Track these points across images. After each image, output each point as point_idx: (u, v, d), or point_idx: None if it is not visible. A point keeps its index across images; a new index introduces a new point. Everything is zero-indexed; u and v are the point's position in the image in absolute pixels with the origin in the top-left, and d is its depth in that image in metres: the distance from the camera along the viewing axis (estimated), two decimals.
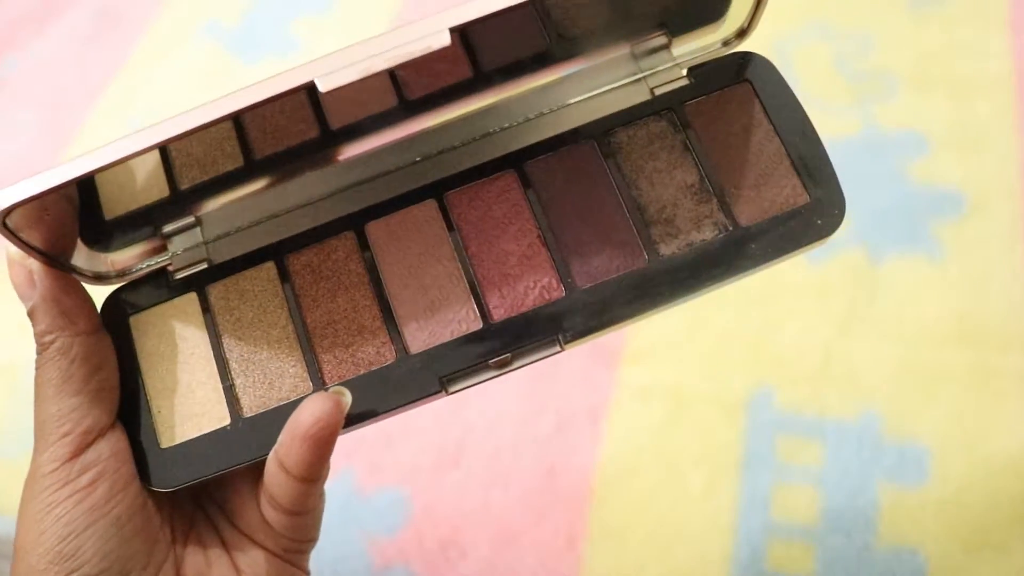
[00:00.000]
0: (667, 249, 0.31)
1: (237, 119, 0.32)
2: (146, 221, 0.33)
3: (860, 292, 0.53)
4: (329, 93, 0.30)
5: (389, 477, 0.51)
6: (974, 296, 0.52)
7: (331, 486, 0.47)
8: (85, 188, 0.31)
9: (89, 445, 0.28)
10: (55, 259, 0.29)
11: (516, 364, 0.30)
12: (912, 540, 0.46)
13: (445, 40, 0.24)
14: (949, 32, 0.63)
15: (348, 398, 0.28)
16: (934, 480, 0.47)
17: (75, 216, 0.31)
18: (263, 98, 0.25)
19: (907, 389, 0.50)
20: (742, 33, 0.33)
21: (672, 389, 0.51)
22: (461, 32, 0.31)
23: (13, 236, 0.27)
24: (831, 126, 0.60)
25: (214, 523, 0.32)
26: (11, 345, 0.59)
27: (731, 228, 0.31)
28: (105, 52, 0.73)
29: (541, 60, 0.34)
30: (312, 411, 0.27)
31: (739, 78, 0.33)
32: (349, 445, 0.51)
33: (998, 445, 0.48)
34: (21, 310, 0.58)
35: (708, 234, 0.31)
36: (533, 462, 0.50)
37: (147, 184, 0.33)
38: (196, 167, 0.33)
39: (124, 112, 0.69)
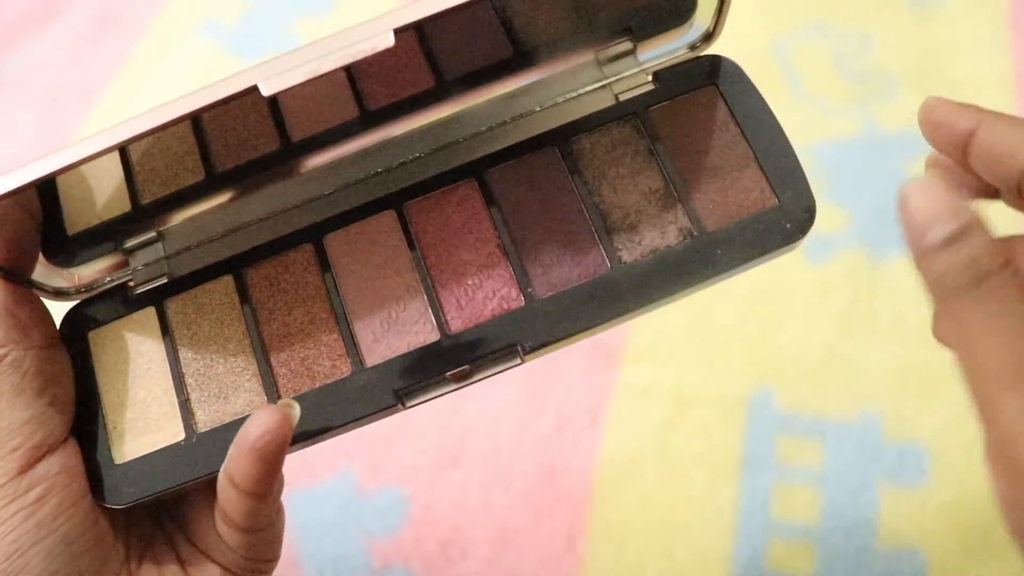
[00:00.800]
0: (630, 256, 0.30)
1: (199, 132, 0.32)
2: (108, 236, 0.32)
3: (860, 292, 0.53)
4: (289, 103, 0.30)
5: (389, 477, 0.51)
6: None
7: (331, 486, 0.47)
8: (47, 202, 0.31)
9: (39, 460, 0.28)
10: (13, 274, 0.29)
11: (475, 377, 0.30)
12: (912, 540, 0.46)
13: (389, 41, 0.24)
14: (949, 32, 0.63)
15: (296, 410, 0.27)
16: (934, 480, 0.47)
17: (36, 230, 0.30)
18: (208, 103, 0.24)
19: (907, 389, 0.50)
20: (708, 37, 0.32)
21: (672, 389, 0.51)
22: (422, 40, 0.31)
23: None
24: (831, 126, 0.60)
25: (172, 540, 0.31)
26: None
27: (696, 233, 0.30)
28: (105, 52, 0.73)
29: (504, 68, 0.33)
30: (259, 424, 0.26)
31: (705, 81, 0.32)
32: (349, 445, 0.51)
33: None
34: None
35: (672, 240, 0.30)
36: (533, 462, 0.50)
37: (109, 199, 0.32)
38: (158, 182, 0.32)
39: (124, 112, 0.69)
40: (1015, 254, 0.22)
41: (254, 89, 0.24)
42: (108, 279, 0.32)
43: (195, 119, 0.31)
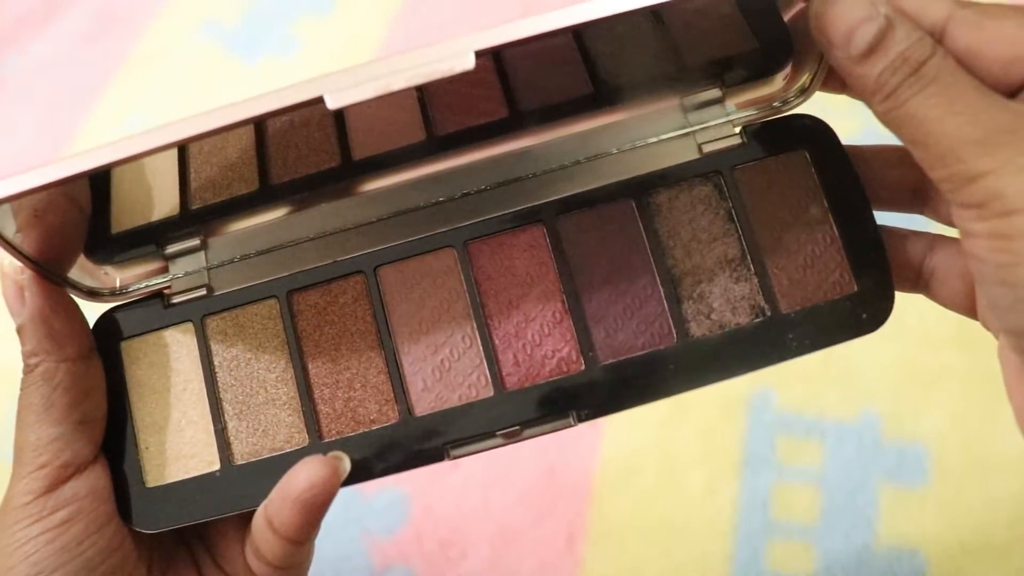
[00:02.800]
0: (699, 330, 0.29)
1: (260, 143, 0.31)
2: (151, 239, 0.31)
3: None
4: (356, 121, 0.28)
5: (389, 478, 0.51)
6: None
7: None
8: (99, 197, 0.29)
9: (67, 480, 0.27)
10: (49, 269, 0.28)
11: (525, 435, 0.28)
12: (912, 540, 0.46)
13: (469, 64, 0.22)
14: None
15: (347, 464, 0.27)
16: (934, 480, 0.47)
17: (82, 224, 0.29)
18: (272, 109, 0.23)
19: (907, 389, 0.50)
20: (803, 91, 0.30)
21: None
22: (500, 69, 0.30)
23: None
24: (831, 126, 0.60)
25: (196, 561, 0.30)
26: (11, 348, 0.59)
27: (770, 313, 0.29)
28: (105, 52, 0.73)
29: (583, 105, 0.31)
30: (308, 475, 0.26)
31: (796, 144, 0.30)
32: None
33: (998, 445, 0.48)
34: None
35: (744, 318, 0.29)
36: (533, 462, 0.50)
37: (160, 202, 0.31)
38: (211, 189, 0.31)
39: (124, 112, 0.69)
40: (942, 37, 0.22)
41: (319, 100, 0.22)
42: (145, 284, 0.31)
43: (258, 129, 0.30)
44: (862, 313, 0.28)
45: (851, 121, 0.60)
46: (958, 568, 0.45)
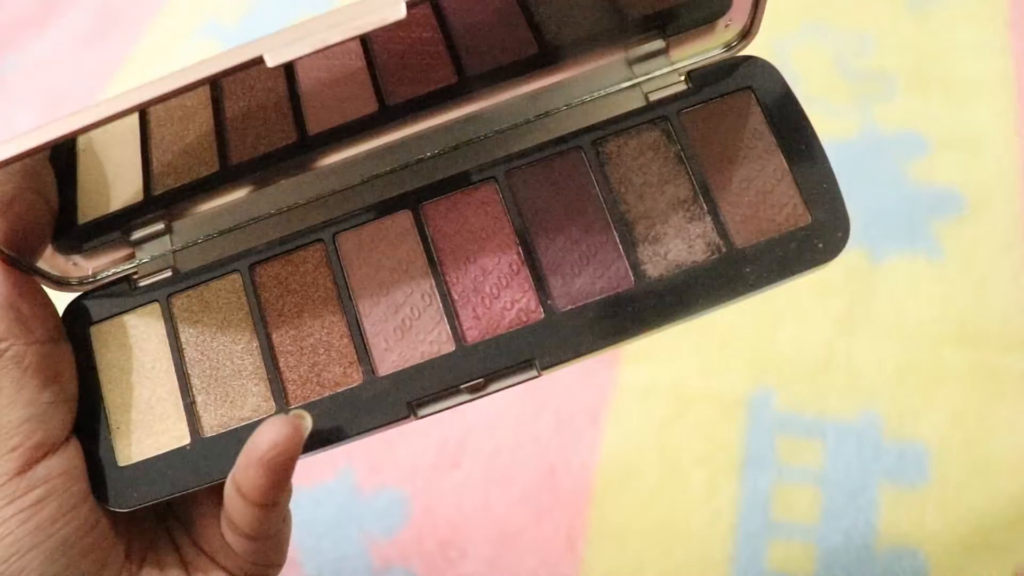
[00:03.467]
0: (655, 271, 0.29)
1: (218, 125, 0.31)
2: (117, 227, 0.32)
3: (860, 292, 0.53)
4: (309, 97, 0.29)
5: (389, 477, 0.51)
6: (974, 296, 0.52)
7: (331, 486, 0.47)
8: (65, 189, 0.30)
9: (39, 460, 0.27)
10: (17, 258, 0.28)
11: (490, 389, 0.29)
12: (912, 540, 0.46)
13: (401, 13, 0.22)
14: (949, 32, 0.63)
15: (308, 422, 0.27)
16: (934, 480, 0.47)
17: (48, 215, 0.29)
18: (213, 72, 0.23)
19: (907, 389, 0.50)
20: (745, 35, 0.30)
21: (672, 389, 0.51)
22: (447, 36, 0.30)
23: None
24: (831, 126, 0.60)
25: (176, 542, 0.30)
26: None
27: (725, 250, 0.29)
28: (105, 52, 0.73)
29: (529, 66, 0.32)
30: (269, 435, 0.26)
31: (741, 85, 0.30)
32: (349, 445, 0.51)
33: (998, 445, 0.48)
34: None
35: (700, 255, 0.29)
36: (533, 462, 0.50)
37: (123, 190, 0.32)
38: (172, 174, 0.32)
39: None
40: None
41: (260, 60, 0.23)
42: (113, 271, 0.31)
43: (216, 113, 0.30)
44: (818, 243, 0.29)
45: (851, 120, 0.60)
46: (958, 568, 0.45)
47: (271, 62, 0.23)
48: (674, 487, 0.49)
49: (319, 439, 0.29)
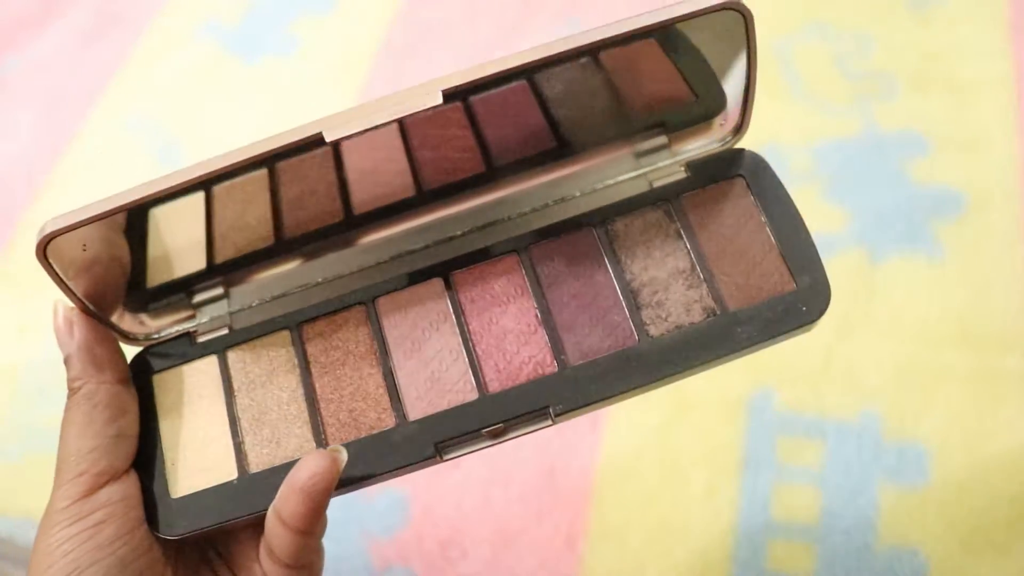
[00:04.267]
0: (657, 330, 0.33)
1: (274, 204, 0.35)
2: (180, 290, 0.35)
3: (860, 292, 0.53)
4: (355, 183, 0.34)
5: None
6: (974, 296, 0.52)
7: None
8: (136, 255, 0.34)
9: (102, 486, 0.30)
10: (96, 312, 0.32)
11: (509, 435, 0.32)
12: (912, 540, 0.46)
13: (438, 99, 0.28)
14: (949, 32, 0.63)
15: (344, 455, 0.30)
16: (934, 480, 0.47)
17: (122, 279, 0.33)
18: (280, 145, 0.28)
19: (907, 389, 0.50)
20: (737, 130, 0.34)
21: (672, 389, 0.51)
22: (477, 133, 0.35)
23: (52, 269, 0.30)
24: (831, 126, 0.60)
25: (216, 573, 0.33)
26: (10, 346, 0.59)
27: (719, 312, 0.33)
28: (105, 52, 0.73)
29: (548, 158, 0.36)
30: (309, 466, 0.28)
31: (733, 172, 0.35)
32: None
33: (998, 445, 0.48)
34: (22, 313, 0.58)
35: (697, 317, 0.33)
36: (533, 462, 0.50)
37: (187, 258, 0.35)
38: (232, 246, 0.35)
39: (124, 112, 0.69)
40: None
41: (320, 137, 0.28)
42: (175, 329, 0.35)
43: (273, 198, 0.35)
44: (802, 307, 0.32)
45: (852, 120, 0.60)
46: (958, 568, 0.45)
47: (328, 137, 0.28)
48: (674, 487, 0.49)
49: (355, 477, 0.32)
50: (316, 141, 0.28)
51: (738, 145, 0.35)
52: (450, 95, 0.28)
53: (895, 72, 0.62)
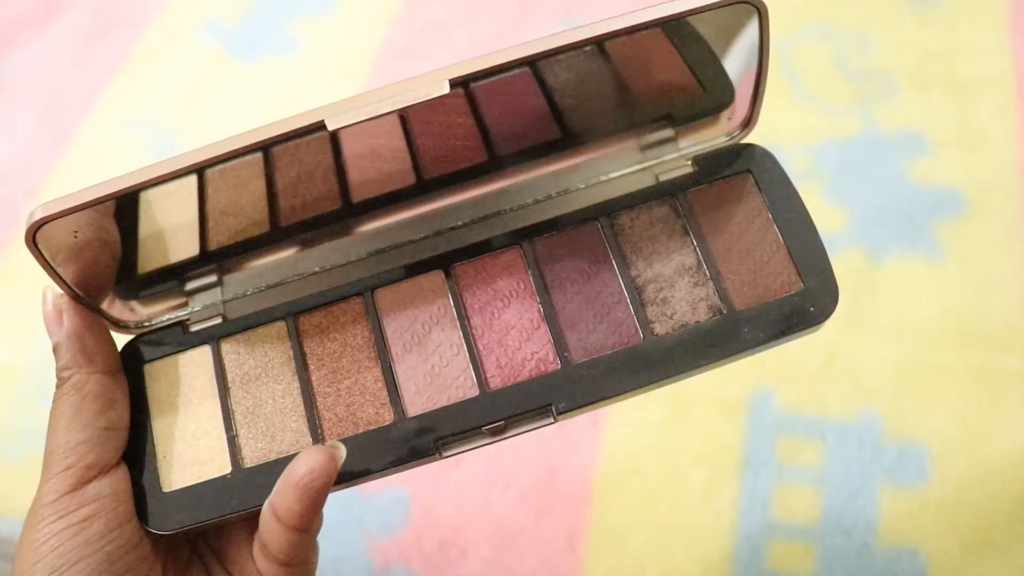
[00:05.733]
0: (662, 329, 0.32)
1: (270, 189, 0.34)
2: (172, 277, 0.34)
3: (860, 292, 0.53)
4: (354, 170, 0.33)
5: (389, 477, 0.51)
6: (974, 296, 0.52)
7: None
8: (127, 242, 0.33)
9: (90, 480, 0.29)
10: (85, 300, 0.31)
11: (510, 432, 0.31)
12: (912, 540, 0.46)
13: (444, 89, 0.27)
14: (949, 32, 0.63)
15: (342, 452, 0.29)
16: (934, 480, 0.47)
17: (112, 265, 0.32)
18: (277, 134, 0.27)
19: (907, 389, 0.50)
20: (745, 124, 0.33)
21: (672, 389, 0.51)
22: (479, 121, 0.34)
23: (41, 256, 0.29)
24: (831, 126, 0.60)
25: (208, 569, 0.32)
26: (11, 346, 0.59)
27: (725, 311, 0.32)
28: (105, 52, 0.73)
29: (552, 149, 0.35)
30: (307, 462, 0.28)
31: (741, 168, 0.34)
32: None
33: (998, 445, 0.48)
34: (21, 312, 0.58)
35: (702, 316, 0.32)
36: (533, 462, 0.50)
37: (180, 244, 0.34)
38: (226, 232, 0.34)
39: (124, 112, 0.69)
40: None
41: (321, 124, 0.27)
42: (167, 317, 0.34)
43: (269, 182, 0.34)
44: (810, 307, 0.32)
45: (852, 120, 0.60)
46: (958, 568, 0.45)
47: (331, 126, 0.27)
48: (674, 487, 0.49)
49: (352, 473, 0.31)
50: (318, 129, 0.27)
51: (746, 140, 0.34)
52: (457, 84, 0.27)
53: (895, 72, 0.62)
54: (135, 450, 0.31)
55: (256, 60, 0.71)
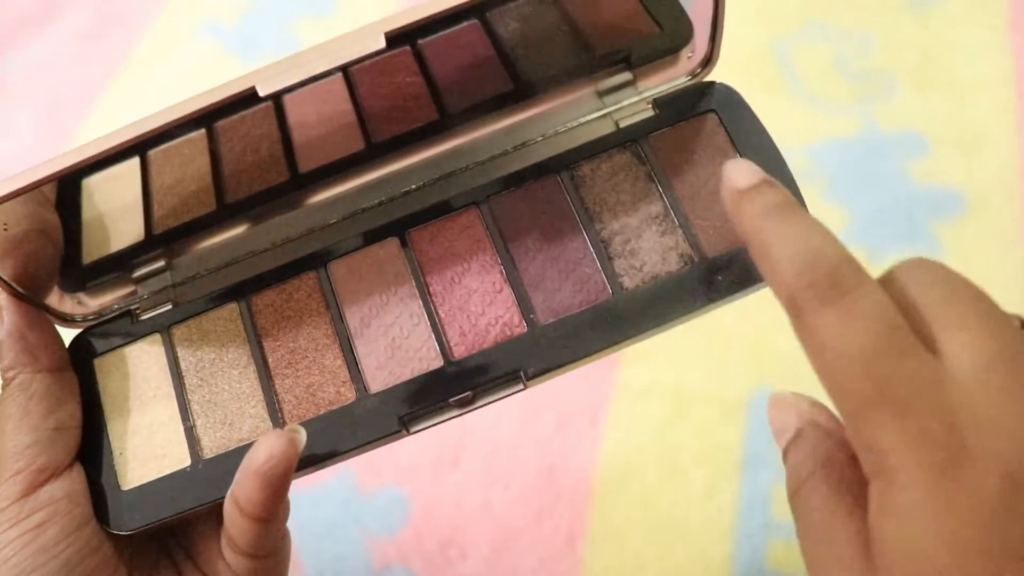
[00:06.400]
0: (631, 282, 0.30)
1: (214, 166, 0.32)
2: (119, 266, 0.33)
3: None
4: (300, 137, 0.31)
5: (389, 477, 0.51)
6: None
7: (331, 486, 0.47)
8: (70, 231, 0.31)
9: (42, 484, 0.28)
10: (26, 295, 0.30)
11: (478, 403, 0.30)
12: None
13: (381, 43, 0.25)
14: (949, 32, 0.63)
15: (303, 436, 0.28)
16: None
17: (54, 258, 0.31)
18: (210, 103, 0.25)
19: None
20: (706, 63, 0.32)
21: (672, 389, 0.51)
22: (428, 78, 0.32)
23: None
24: (831, 126, 0.60)
25: (177, 566, 0.31)
26: None
27: (697, 259, 0.30)
28: (105, 52, 0.73)
29: (505, 101, 0.33)
30: (266, 448, 0.26)
31: (704, 108, 0.32)
32: None
33: None
34: None
35: (673, 265, 0.30)
36: (533, 462, 0.50)
37: (125, 230, 0.33)
38: (172, 214, 0.33)
39: (124, 112, 0.69)
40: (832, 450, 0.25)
41: (252, 91, 0.25)
42: (115, 307, 0.33)
43: (213, 156, 0.32)
44: None
45: (852, 120, 0.60)
46: None
47: (263, 91, 0.25)
48: (674, 487, 0.49)
49: (316, 457, 0.30)
50: (249, 96, 0.25)
51: (708, 78, 0.32)
52: (394, 38, 0.25)
53: (895, 72, 0.62)
54: (90, 449, 0.30)
55: (256, 60, 0.71)
